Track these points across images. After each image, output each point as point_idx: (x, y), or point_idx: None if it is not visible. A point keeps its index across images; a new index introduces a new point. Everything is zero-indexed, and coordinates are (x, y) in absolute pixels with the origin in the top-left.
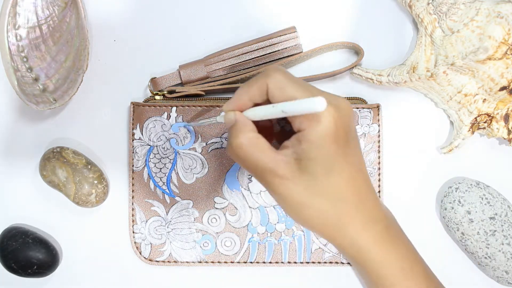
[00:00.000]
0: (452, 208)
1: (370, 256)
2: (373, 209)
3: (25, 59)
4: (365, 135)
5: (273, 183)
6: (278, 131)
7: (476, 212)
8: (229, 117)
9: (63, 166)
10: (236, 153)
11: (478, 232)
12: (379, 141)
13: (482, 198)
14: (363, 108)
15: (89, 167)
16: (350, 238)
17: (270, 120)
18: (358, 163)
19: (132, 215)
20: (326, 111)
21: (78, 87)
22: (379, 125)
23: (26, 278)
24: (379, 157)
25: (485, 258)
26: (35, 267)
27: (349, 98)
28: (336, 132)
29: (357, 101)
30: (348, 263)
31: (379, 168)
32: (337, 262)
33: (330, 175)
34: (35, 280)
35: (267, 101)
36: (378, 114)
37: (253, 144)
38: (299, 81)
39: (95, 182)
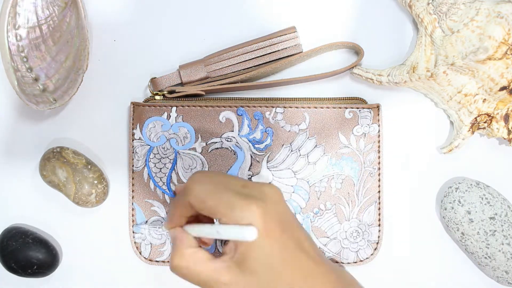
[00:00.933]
0: (452, 208)
1: None
2: (324, 285)
3: (25, 59)
4: (365, 135)
5: None
6: None
7: (476, 212)
8: (170, 234)
9: (63, 166)
10: (177, 272)
11: (478, 232)
12: (379, 141)
13: (482, 198)
14: (363, 108)
15: (89, 167)
16: None
17: None
18: (297, 243)
19: (132, 215)
20: (251, 211)
21: (78, 87)
22: (379, 125)
23: (26, 278)
24: (379, 157)
25: (485, 258)
26: (35, 267)
27: (349, 98)
28: (266, 229)
29: (357, 101)
30: (348, 263)
31: (379, 168)
32: (337, 262)
33: (271, 272)
34: (35, 280)
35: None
36: (378, 114)
37: (191, 261)
38: (218, 187)
39: (95, 182)
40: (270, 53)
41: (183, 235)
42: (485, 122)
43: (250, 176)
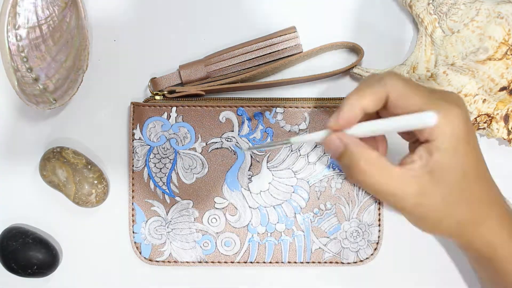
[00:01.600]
0: None
1: (504, 253)
2: (502, 205)
3: (25, 59)
4: None
5: (407, 204)
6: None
7: None
8: (332, 140)
9: (63, 166)
10: (362, 180)
11: None
12: None
13: None
14: None
15: (89, 167)
16: (487, 237)
17: None
18: (481, 157)
19: (132, 215)
20: (455, 115)
21: (78, 87)
22: None
23: (26, 278)
24: None
25: None
26: (35, 267)
27: None
28: (468, 137)
29: None
30: (348, 263)
31: None
32: (337, 262)
33: (465, 180)
34: (35, 280)
35: (377, 114)
36: None
37: (377, 167)
38: (420, 86)
39: (95, 182)
40: (270, 53)
41: (357, 141)
42: (485, 123)
43: (250, 176)
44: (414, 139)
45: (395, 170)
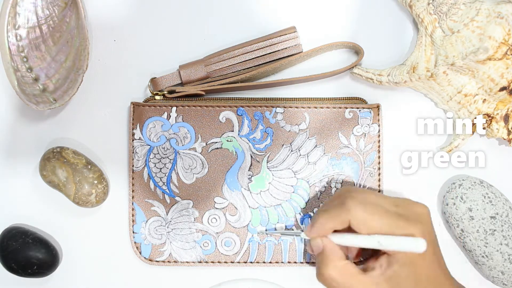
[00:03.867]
0: (454, 204)
1: None
2: None
3: (25, 59)
4: (365, 135)
5: None
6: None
7: (477, 210)
8: (316, 244)
9: (63, 166)
10: (328, 283)
11: (478, 230)
12: (379, 141)
13: (484, 197)
14: (363, 108)
15: (89, 167)
16: None
17: None
18: (438, 265)
19: (132, 215)
20: (414, 232)
21: (78, 87)
22: (379, 125)
23: (26, 278)
24: (379, 157)
25: (482, 257)
26: (35, 267)
27: (349, 98)
28: (424, 251)
29: (357, 101)
30: None
31: (379, 168)
32: None
33: (417, 286)
34: (35, 280)
35: (348, 229)
36: (378, 114)
37: (343, 273)
38: (376, 209)
39: (95, 182)
40: (270, 53)
41: (334, 246)
42: (485, 123)
43: (250, 176)
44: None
45: (358, 276)
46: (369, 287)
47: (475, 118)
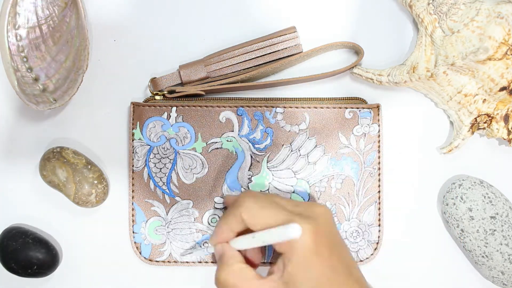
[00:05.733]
0: (454, 204)
1: None
2: None
3: (25, 59)
4: (365, 135)
5: None
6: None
7: (477, 210)
8: (217, 250)
9: (63, 166)
10: (223, 287)
11: (478, 230)
12: (379, 141)
13: (484, 197)
14: (363, 108)
15: (89, 167)
16: None
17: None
18: (346, 267)
19: (132, 215)
20: (304, 230)
21: (78, 87)
22: (379, 125)
23: (26, 278)
24: (379, 157)
25: (482, 257)
26: (35, 267)
27: (349, 98)
28: (317, 248)
29: (357, 101)
30: None
31: (379, 168)
32: None
33: None
34: (35, 280)
35: (249, 229)
36: (378, 114)
37: (239, 278)
38: (271, 204)
39: (95, 182)
40: (270, 53)
41: (232, 251)
42: (485, 123)
43: (250, 176)
44: None
45: (255, 281)
46: None
47: (475, 118)
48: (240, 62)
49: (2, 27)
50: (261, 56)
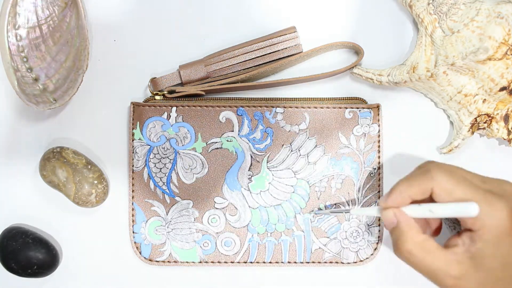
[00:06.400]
0: None
1: None
2: None
3: (25, 59)
4: (365, 135)
5: (446, 284)
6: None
7: None
8: (389, 216)
9: (63, 166)
10: (406, 258)
11: None
12: (379, 141)
13: None
14: (363, 108)
15: (89, 167)
16: None
17: None
18: None
19: (132, 215)
20: (499, 209)
21: (78, 87)
22: (379, 125)
23: (26, 278)
24: (379, 157)
25: None
26: (35, 267)
27: (349, 98)
28: (510, 226)
29: (357, 101)
30: (348, 263)
31: (379, 168)
32: (337, 262)
33: (503, 269)
34: (35, 280)
35: (429, 199)
36: (378, 114)
37: (422, 248)
38: (464, 181)
39: (95, 182)
40: (270, 53)
41: (409, 220)
42: (485, 123)
43: (250, 176)
44: None
45: (439, 252)
46: (451, 264)
47: (475, 118)
48: (240, 62)
49: (2, 27)
50: (261, 56)
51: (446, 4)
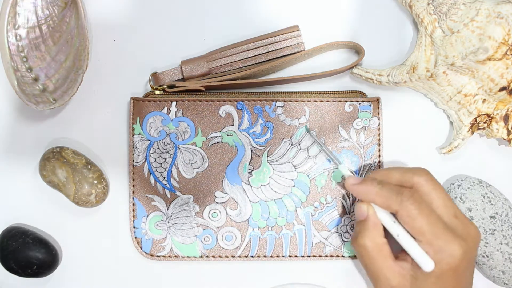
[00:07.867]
0: None
1: None
2: None
3: (25, 59)
4: (365, 129)
5: None
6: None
7: (477, 210)
8: (361, 209)
9: (63, 166)
10: (360, 252)
11: None
12: (379, 134)
13: (484, 197)
14: (363, 101)
15: (89, 167)
16: None
17: None
18: (468, 283)
19: (133, 210)
20: (453, 249)
21: (78, 87)
22: (379, 118)
23: (26, 278)
24: (379, 150)
25: (483, 256)
26: (35, 267)
27: (349, 92)
28: (458, 267)
29: (357, 94)
30: (349, 256)
31: (379, 161)
32: (338, 256)
33: None
34: (35, 280)
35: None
36: (378, 107)
37: (377, 250)
38: (431, 212)
39: (95, 182)
40: (272, 50)
41: (377, 220)
42: (484, 123)
43: (250, 170)
44: None
45: (389, 260)
46: (394, 275)
47: (475, 118)
48: (242, 59)
49: (2, 27)
50: (263, 53)
51: (446, 4)
